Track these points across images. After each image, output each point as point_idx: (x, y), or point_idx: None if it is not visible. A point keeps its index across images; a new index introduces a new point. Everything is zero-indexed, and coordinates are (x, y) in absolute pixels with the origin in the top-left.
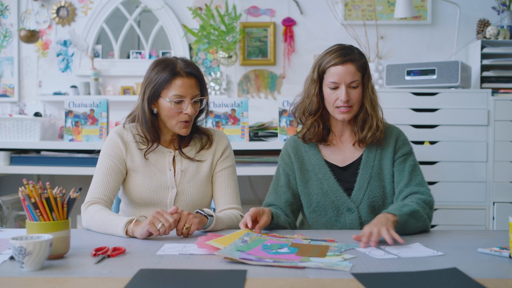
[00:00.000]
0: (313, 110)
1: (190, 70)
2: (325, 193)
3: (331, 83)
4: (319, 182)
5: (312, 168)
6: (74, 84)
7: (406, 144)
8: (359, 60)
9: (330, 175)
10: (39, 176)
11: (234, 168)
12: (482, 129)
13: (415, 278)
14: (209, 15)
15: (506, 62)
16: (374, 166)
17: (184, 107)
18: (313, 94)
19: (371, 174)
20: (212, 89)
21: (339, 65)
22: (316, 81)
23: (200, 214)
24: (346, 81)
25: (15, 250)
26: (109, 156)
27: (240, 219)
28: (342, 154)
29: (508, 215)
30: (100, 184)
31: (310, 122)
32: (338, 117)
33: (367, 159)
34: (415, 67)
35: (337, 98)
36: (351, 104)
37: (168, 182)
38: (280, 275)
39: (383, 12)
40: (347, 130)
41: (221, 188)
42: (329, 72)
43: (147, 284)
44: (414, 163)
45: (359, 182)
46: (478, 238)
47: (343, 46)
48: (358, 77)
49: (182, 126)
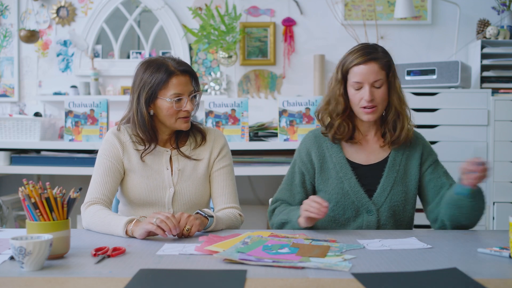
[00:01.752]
0: (341, 111)
1: (184, 67)
2: (345, 193)
3: (354, 83)
4: (340, 181)
5: (333, 166)
6: (74, 84)
7: (433, 151)
8: (383, 58)
9: (351, 174)
10: (39, 176)
11: (231, 167)
12: (482, 129)
13: (415, 278)
14: (209, 15)
15: (506, 62)
16: (400, 169)
17: (184, 104)
18: (338, 94)
19: (396, 177)
20: (212, 89)
21: (362, 64)
22: (341, 81)
23: (200, 215)
24: (370, 80)
25: (15, 250)
26: (106, 156)
27: (239, 218)
28: (366, 153)
29: (508, 215)
30: (99, 185)
31: (339, 123)
32: (364, 117)
33: (393, 162)
34: (415, 67)
35: (361, 98)
36: (376, 103)
37: (166, 182)
38: (280, 275)
39: (383, 12)
40: (372, 130)
41: (219, 187)
42: (352, 72)
43: (147, 284)
44: (445, 169)
45: (383, 184)
46: (478, 238)
47: (366, 45)
48: (382, 76)
49: (183, 121)
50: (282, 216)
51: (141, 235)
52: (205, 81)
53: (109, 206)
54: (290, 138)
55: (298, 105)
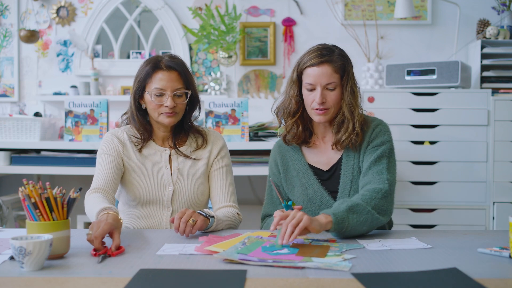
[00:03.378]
0: (292, 111)
1: (171, 64)
2: (310, 199)
3: (307, 84)
4: (304, 188)
5: (296, 173)
6: (74, 84)
7: (381, 135)
8: (337, 61)
9: (314, 180)
10: (39, 176)
11: (230, 167)
12: (482, 129)
13: (415, 278)
14: (209, 15)
15: (506, 62)
16: (354, 165)
17: (164, 100)
18: (292, 95)
19: (353, 174)
20: (212, 89)
21: (315, 66)
22: (295, 82)
23: (202, 216)
24: (322, 82)
25: (15, 250)
26: (107, 152)
27: (237, 217)
28: (325, 156)
29: (508, 215)
30: (101, 175)
31: (290, 124)
32: (315, 118)
33: (346, 158)
34: (415, 67)
35: (313, 100)
36: (328, 106)
37: (165, 180)
38: (280, 275)
39: (383, 12)
40: (329, 131)
41: (217, 187)
42: (306, 73)
43: (147, 284)
44: (382, 153)
45: (342, 184)
46: (478, 238)
47: (322, 46)
48: (335, 79)
49: (165, 116)
50: (266, 227)
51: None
52: (205, 81)
53: (111, 195)
54: None
55: None
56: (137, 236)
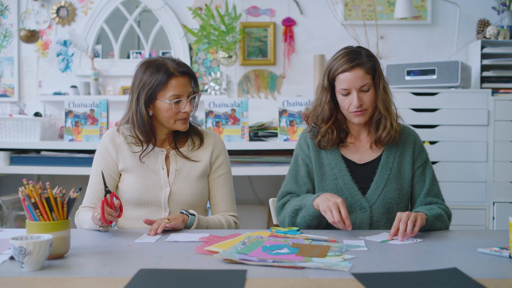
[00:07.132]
0: (326, 117)
1: (184, 69)
2: (339, 189)
3: (342, 90)
4: (334, 177)
5: (328, 162)
6: (74, 84)
7: (424, 150)
8: (367, 62)
9: (346, 171)
10: (39, 176)
11: (230, 173)
12: (482, 129)
13: (415, 278)
14: (209, 15)
15: (506, 62)
16: (393, 167)
17: (182, 106)
18: (325, 101)
19: (389, 175)
20: (212, 89)
21: (347, 71)
22: (327, 89)
23: (182, 214)
24: (357, 86)
25: (15, 250)
26: (100, 163)
27: (234, 225)
28: (360, 153)
29: (508, 215)
30: (93, 193)
31: (324, 129)
32: (354, 120)
33: (386, 159)
34: (415, 67)
35: (350, 103)
36: (365, 107)
37: (161, 181)
38: (280, 275)
39: (383, 12)
40: (364, 131)
41: (217, 195)
42: (339, 79)
43: (147, 284)
44: (433, 171)
45: (376, 182)
46: (478, 238)
47: (350, 50)
48: (368, 80)
49: (181, 123)
50: (296, 202)
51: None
52: (205, 81)
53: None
54: (290, 138)
55: (298, 105)
56: (137, 236)
